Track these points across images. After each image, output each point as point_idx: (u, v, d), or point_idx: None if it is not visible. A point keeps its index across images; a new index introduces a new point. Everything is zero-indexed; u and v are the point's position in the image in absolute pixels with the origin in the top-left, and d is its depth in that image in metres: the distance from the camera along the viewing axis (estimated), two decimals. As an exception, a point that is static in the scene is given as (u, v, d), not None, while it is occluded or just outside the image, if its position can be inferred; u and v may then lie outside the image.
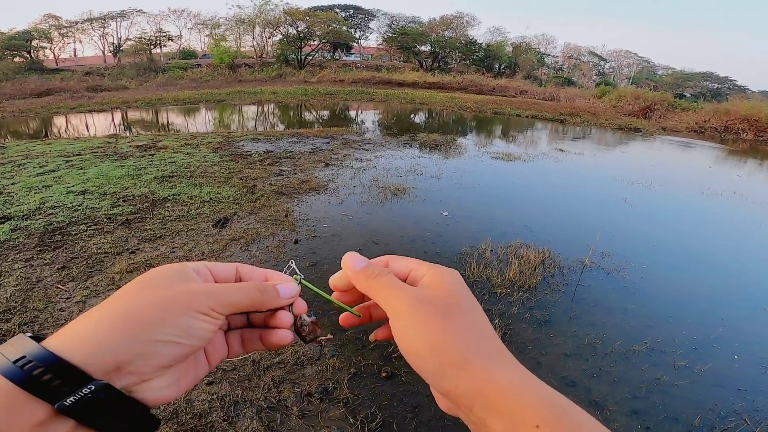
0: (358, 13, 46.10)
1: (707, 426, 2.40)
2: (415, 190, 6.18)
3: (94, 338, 0.30)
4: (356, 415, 2.25)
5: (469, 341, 0.34)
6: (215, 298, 0.36)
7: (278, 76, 31.26)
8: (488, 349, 0.34)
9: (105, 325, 0.31)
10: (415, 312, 0.35)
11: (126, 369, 0.30)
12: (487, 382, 0.32)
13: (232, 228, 4.48)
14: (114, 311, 0.32)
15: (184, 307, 0.33)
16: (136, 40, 38.33)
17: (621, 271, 4.14)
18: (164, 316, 0.32)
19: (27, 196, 5.11)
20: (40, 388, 0.27)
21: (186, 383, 0.36)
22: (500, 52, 42.51)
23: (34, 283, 3.29)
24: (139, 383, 0.31)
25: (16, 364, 0.28)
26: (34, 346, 0.29)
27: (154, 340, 0.31)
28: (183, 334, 0.33)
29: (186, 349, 0.33)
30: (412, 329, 0.35)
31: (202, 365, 0.39)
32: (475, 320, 0.36)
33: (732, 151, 13.87)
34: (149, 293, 0.34)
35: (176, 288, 0.34)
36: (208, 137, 9.46)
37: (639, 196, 6.92)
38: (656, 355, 2.96)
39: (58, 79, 24.45)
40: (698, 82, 48.96)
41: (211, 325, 0.35)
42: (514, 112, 18.66)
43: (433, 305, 0.35)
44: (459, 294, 0.37)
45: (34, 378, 0.27)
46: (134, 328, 0.31)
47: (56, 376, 0.28)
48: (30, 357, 0.28)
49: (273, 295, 0.40)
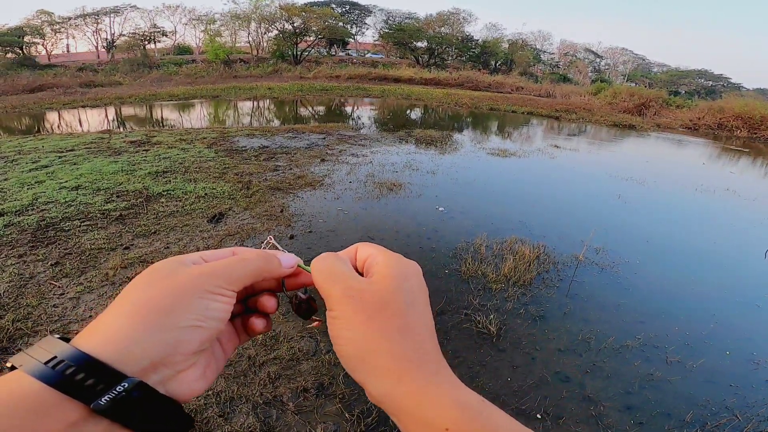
0: (354, 8, 45.88)
1: (699, 422, 2.42)
2: (410, 185, 6.18)
3: (121, 334, 0.30)
4: (352, 411, 2.26)
5: (390, 342, 0.33)
6: (223, 275, 0.36)
7: (274, 72, 31.06)
8: (410, 351, 0.33)
9: (128, 320, 0.31)
10: (344, 306, 0.35)
11: (159, 362, 0.30)
12: (397, 386, 0.32)
13: (227, 223, 4.46)
14: (132, 305, 0.32)
15: (197, 290, 0.33)
16: (129, 36, 37.91)
17: (614, 267, 4.16)
18: (180, 301, 0.32)
19: (20, 191, 5.06)
20: (73, 388, 0.27)
21: (211, 374, 0.36)
22: (496, 48, 42.49)
23: (28, 280, 3.27)
24: (174, 376, 0.31)
25: (47, 365, 0.27)
26: (64, 346, 0.28)
27: (178, 326, 0.31)
28: (202, 317, 0.33)
29: (208, 332, 0.34)
30: (339, 321, 0.35)
31: (219, 354, 0.39)
32: (406, 321, 0.35)
33: (725, 148, 13.96)
34: (159, 283, 0.34)
35: (183, 273, 0.34)
36: (203, 133, 9.41)
37: (633, 192, 6.95)
38: (649, 350, 2.99)
39: (51, 74, 24.16)
40: (693, 79, 49.16)
41: (225, 304, 0.35)
42: (509, 109, 18.66)
43: (363, 302, 0.35)
44: (399, 290, 0.36)
45: (67, 378, 0.27)
46: (155, 318, 0.31)
47: (89, 375, 0.27)
48: (61, 357, 0.28)
49: (276, 265, 0.40)
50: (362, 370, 0.33)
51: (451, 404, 0.30)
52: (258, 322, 0.40)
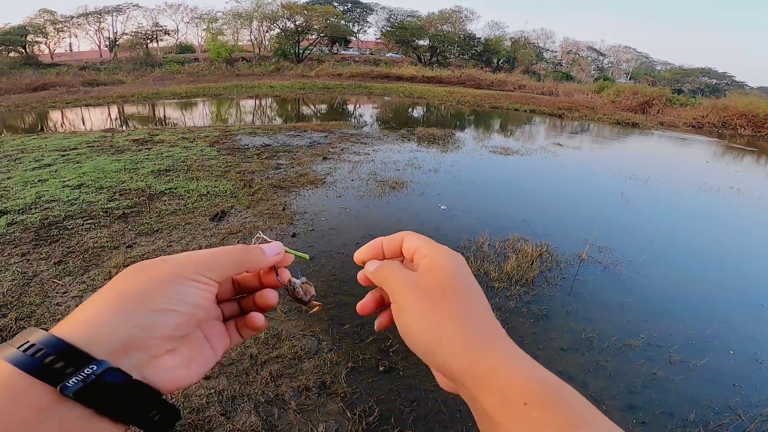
0: (356, 7, 45.85)
1: (702, 421, 2.41)
2: (413, 183, 6.17)
3: (92, 319, 0.30)
4: (354, 409, 2.26)
5: (459, 321, 0.34)
6: (201, 262, 0.37)
7: (276, 70, 31.05)
8: (480, 328, 0.34)
9: (101, 306, 0.31)
10: (410, 296, 0.37)
11: (129, 345, 0.30)
12: (476, 361, 0.32)
13: (229, 222, 4.47)
14: (107, 293, 0.32)
15: (172, 276, 0.34)
16: (132, 35, 37.97)
17: (618, 266, 4.15)
18: (154, 287, 0.33)
19: (23, 190, 5.08)
20: (43, 371, 0.27)
21: (197, 368, 0.36)
22: (499, 46, 42.35)
23: (31, 278, 3.28)
24: (149, 361, 0.31)
25: (19, 349, 0.27)
26: (38, 332, 0.29)
27: (150, 309, 0.32)
28: (176, 301, 0.33)
29: (183, 316, 0.34)
30: (407, 311, 0.36)
31: (208, 350, 0.39)
32: (469, 301, 0.36)
33: (730, 146, 13.89)
34: (138, 272, 0.34)
35: (163, 265, 0.35)
36: (205, 131, 9.41)
37: (636, 190, 6.92)
38: (652, 349, 2.98)
39: (54, 73, 24.21)
40: (696, 77, 48.96)
41: (203, 291, 0.36)
42: (512, 107, 18.61)
43: (427, 289, 0.36)
44: (455, 275, 0.37)
45: (37, 360, 0.27)
46: (129, 303, 0.32)
47: (59, 358, 0.27)
48: (34, 342, 0.28)
49: (259, 254, 0.41)
50: (440, 353, 0.34)
51: (530, 378, 0.31)
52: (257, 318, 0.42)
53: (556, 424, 0.28)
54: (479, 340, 0.33)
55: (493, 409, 0.30)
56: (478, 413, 0.33)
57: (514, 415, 0.29)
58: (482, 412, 0.32)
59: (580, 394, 0.30)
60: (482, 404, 0.31)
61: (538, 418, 0.28)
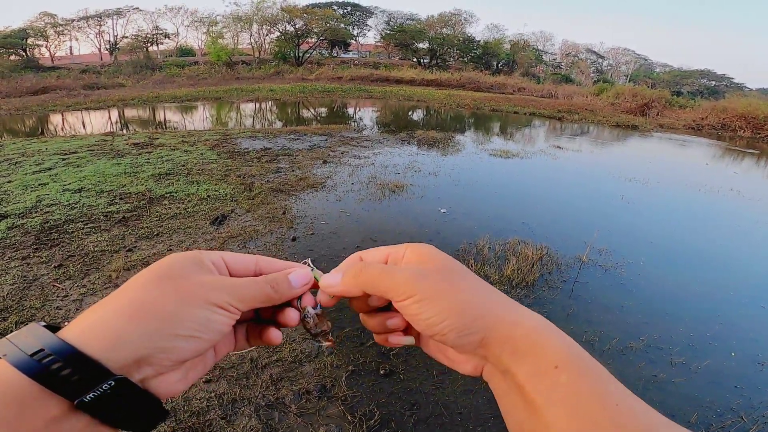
0: (356, 10, 45.93)
1: (704, 423, 2.41)
2: (413, 187, 6.18)
3: (112, 331, 0.29)
4: (354, 413, 2.25)
5: (484, 296, 0.35)
6: (232, 292, 0.35)
7: (276, 73, 31.13)
8: (503, 300, 0.36)
9: (122, 317, 0.30)
10: (424, 284, 0.35)
11: (145, 362, 0.30)
12: (515, 327, 0.33)
13: (229, 225, 4.47)
14: (130, 302, 0.31)
15: (203, 301, 0.33)
16: (132, 38, 38.09)
17: (618, 268, 4.14)
18: (182, 309, 0.32)
19: (23, 194, 5.08)
20: (58, 383, 0.26)
21: (193, 376, 0.36)
22: (498, 49, 42.43)
23: (31, 282, 3.28)
24: (155, 376, 0.31)
25: (33, 357, 0.26)
26: (51, 338, 0.28)
27: (174, 334, 0.31)
28: (202, 329, 0.32)
29: (204, 343, 0.33)
30: (427, 301, 0.34)
31: (210, 358, 0.38)
32: (475, 277, 0.37)
33: (729, 148, 13.90)
34: (165, 284, 0.33)
35: (193, 279, 0.34)
36: (205, 135, 9.43)
37: (636, 193, 6.93)
38: (653, 352, 2.97)
39: (54, 77, 24.26)
40: (696, 79, 48.98)
41: (229, 319, 0.35)
42: (511, 110, 18.63)
43: (438, 272, 0.36)
44: (449, 260, 0.37)
45: (53, 372, 0.26)
46: (153, 321, 0.30)
47: (76, 371, 0.27)
48: (48, 350, 0.27)
49: (286, 288, 0.39)
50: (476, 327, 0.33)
51: (559, 344, 0.32)
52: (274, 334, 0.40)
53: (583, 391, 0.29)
54: (509, 311, 0.34)
55: (527, 378, 0.31)
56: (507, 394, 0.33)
57: (543, 378, 0.30)
58: (514, 389, 0.32)
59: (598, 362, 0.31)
60: (516, 376, 0.31)
61: (566, 383, 0.29)
